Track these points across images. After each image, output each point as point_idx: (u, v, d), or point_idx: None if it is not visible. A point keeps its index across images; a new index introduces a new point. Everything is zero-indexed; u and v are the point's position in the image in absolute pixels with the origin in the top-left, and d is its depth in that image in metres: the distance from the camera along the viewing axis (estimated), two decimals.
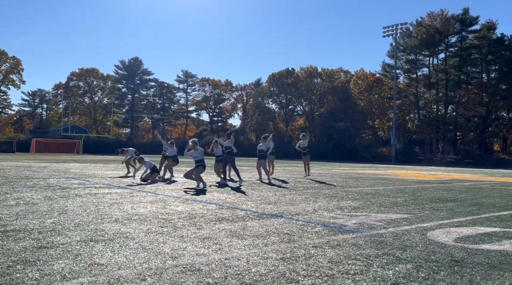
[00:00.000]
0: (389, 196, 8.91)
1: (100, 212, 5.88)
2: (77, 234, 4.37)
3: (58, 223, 4.94)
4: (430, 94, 60.60)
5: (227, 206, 6.84)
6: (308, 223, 5.32)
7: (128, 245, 3.94)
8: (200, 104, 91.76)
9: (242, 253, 3.70)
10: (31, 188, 8.84)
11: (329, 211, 6.49)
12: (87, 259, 3.43)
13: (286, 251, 3.82)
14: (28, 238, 4.12)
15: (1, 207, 6.13)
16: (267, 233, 4.62)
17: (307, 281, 2.94)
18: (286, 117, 77.18)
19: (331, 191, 9.95)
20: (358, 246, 4.07)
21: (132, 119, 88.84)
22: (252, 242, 4.16)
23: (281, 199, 7.90)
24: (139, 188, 9.51)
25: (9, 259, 3.34)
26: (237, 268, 3.22)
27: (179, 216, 5.71)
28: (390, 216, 6.02)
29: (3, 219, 5.15)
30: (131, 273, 3.06)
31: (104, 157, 42.56)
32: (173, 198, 7.82)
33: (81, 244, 3.93)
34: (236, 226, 5.01)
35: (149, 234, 4.45)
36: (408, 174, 20.13)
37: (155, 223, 5.09)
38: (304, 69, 72.85)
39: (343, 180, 13.92)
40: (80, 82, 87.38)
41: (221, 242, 4.15)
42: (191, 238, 4.30)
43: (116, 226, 4.85)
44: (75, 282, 2.84)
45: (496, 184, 13.81)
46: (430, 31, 57.67)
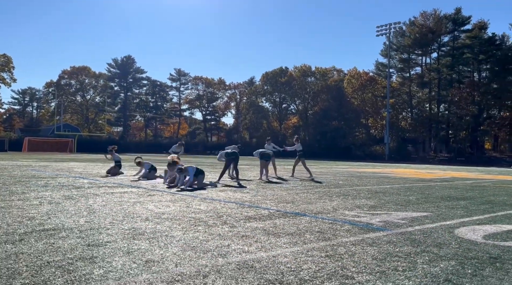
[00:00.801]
0: (399, 195, 9.08)
1: (127, 211, 5.94)
2: (117, 232, 4.44)
3: (93, 222, 5.00)
4: (423, 93, 61.29)
5: (247, 204, 6.94)
6: (335, 222, 5.44)
7: (172, 243, 4.02)
8: (193, 103, 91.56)
9: (286, 251, 3.81)
10: (45, 188, 8.85)
11: (349, 209, 6.63)
12: (140, 256, 3.52)
13: (327, 248, 3.94)
14: (72, 237, 4.19)
15: (27, 206, 6.16)
16: (299, 231, 4.74)
17: (362, 277, 3.06)
18: (279, 116, 77.40)
19: (341, 189, 10.09)
20: (394, 243, 4.21)
21: (124, 117, 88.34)
22: (290, 240, 4.27)
23: (296, 198, 8.03)
24: (151, 187, 9.55)
25: (65, 257, 3.42)
26: (288, 265, 3.33)
27: (206, 214, 5.80)
28: (411, 214, 6.17)
29: (36, 218, 5.20)
30: (190, 270, 3.16)
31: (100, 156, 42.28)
32: (190, 197, 7.89)
33: (126, 242, 4.01)
34: (266, 225, 5.12)
35: (187, 232, 4.54)
36: (407, 172, 20.41)
37: (187, 222, 5.18)
38: (298, 68, 73.14)
39: (347, 179, 14.09)
40: (72, 81, 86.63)
41: (260, 240, 4.26)
42: (229, 236, 4.39)
43: (151, 225, 4.93)
44: (141, 278, 2.93)
45: (496, 182, 14.09)
46: (423, 30, 58.28)
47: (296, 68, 73.32)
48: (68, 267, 3.17)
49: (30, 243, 3.90)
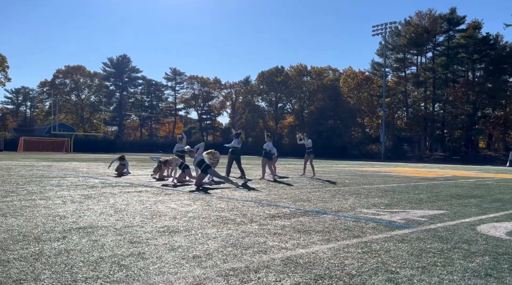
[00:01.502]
0: (409, 193, 9.25)
1: (151, 209, 6.05)
2: (151, 230, 4.55)
3: (124, 220, 5.10)
4: (418, 92, 61.75)
5: (265, 203, 7.07)
6: (358, 220, 5.59)
7: (210, 240, 4.14)
8: (189, 102, 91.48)
9: (323, 248, 3.95)
10: (61, 187, 8.91)
11: (366, 207, 6.78)
12: (185, 252, 3.64)
13: (361, 245, 4.08)
14: (111, 234, 4.30)
15: (52, 205, 6.24)
16: (327, 229, 4.87)
17: (405, 272, 3.20)
18: (275, 115, 77.53)
19: (350, 188, 10.25)
20: (423, 240, 4.36)
21: (120, 117, 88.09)
22: (322, 237, 4.40)
23: (310, 197, 8.17)
24: (164, 186, 9.64)
25: (114, 253, 3.52)
26: (331, 261, 3.47)
27: (230, 213, 5.91)
28: (428, 212, 6.34)
29: (67, 216, 5.29)
30: (239, 265, 3.28)
31: (99, 155, 42.20)
32: (207, 195, 7.99)
33: (165, 239, 4.12)
34: (292, 222, 5.25)
35: (220, 230, 4.66)
36: (407, 171, 20.65)
37: (215, 220, 5.29)
38: (293, 67, 73.33)
39: (352, 178, 14.27)
40: (67, 80, 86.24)
41: (294, 237, 4.39)
42: (261, 234, 4.52)
43: (181, 223, 5.04)
44: (196, 273, 3.05)
45: (499, 181, 14.35)
46: (418, 30, 58.70)
47: (292, 67, 73.51)
48: (122, 262, 3.29)
49: (74, 240, 4.01)
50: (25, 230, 4.51)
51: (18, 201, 6.77)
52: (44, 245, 3.83)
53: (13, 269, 3.11)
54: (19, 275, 2.99)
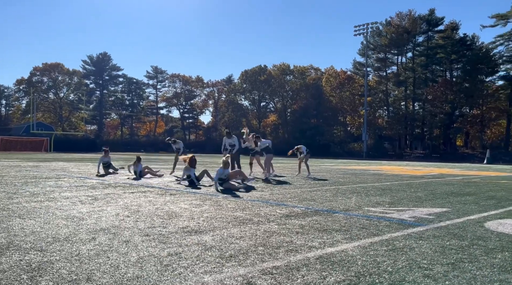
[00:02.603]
0: (405, 191, 9.54)
1: (164, 210, 6.09)
2: (177, 231, 4.62)
3: (143, 221, 5.15)
4: (399, 91, 63.04)
5: (273, 203, 7.20)
6: (370, 218, 5.79)
7: (238, 239, 4.24)
8: (170, 100, 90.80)
9: (349, 246, 4.11)
10: (61, 188, 8.82)
11: (371, 206, 7.00)
12: (221, 251, 3.73)
13: (384, 243, 4.26)
14: (138, 235, 4.34)
15: (64, 207, 6.20)
16: (345, 228, 5.04)
17: (438, 268, 3.39)
18: (258, 114, 77.79)
19: (348, 187, 10.49)
20: (440, 237, 4.57)
21: (100, 116, 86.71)
22: (344, 236, 4.57)
23: (313, 196, 8.34)
24: (165, 186, 9.65)
25: (154, 253, 3.59)
26: (363, 259, 3.63)
27: (244, 212, 6.02)
28: (432, 210, 6.60)
29: (84, 218, 5.29)
30: (280, 264, 3.40)
31: (81, 155, 41.54)
32: (212, 195, 8.06)
33: (195, 239, 4.20)
34: (308, 222, 5.40)
35: (243, 230, 4.76)
36: (394, 169, 21.13)
37: (233, 219, 5.39)
38: (276, 66, 73.72)
39: (344, 176, 14.55)
40: (44, 78, 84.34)
41: (317, 236, 4.53)
42: (285, 233, 4.65)
43: (201, 223, 5.12)
44: (242, 272, 3.15)
45: (484, 178, 14.88)
46: (399, 30, 59.92)
47: (275, 66, 73.89)
48: (164, 262, 3.36)
49: (105, 241, 4.05)
50: (50, 231, 4.51)
51: (26, 202, 6.71)
52: (79, 246, 3.86)
53: (62, 270, 3.15)
54: (71, 275, 3.04)
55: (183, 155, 13.60)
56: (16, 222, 5.05)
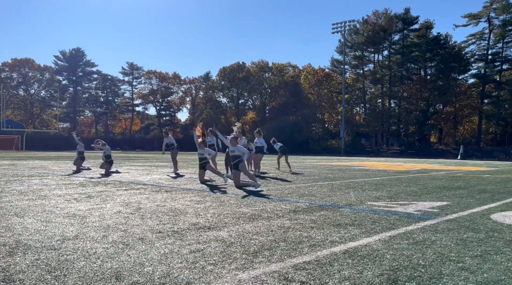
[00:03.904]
0: (398, 186, 9.64)
1: (167, 207, 5.91)
2: (189, 227, 4.47)
3: (151, 219, 4.96)
4: (375, 89, 64.04)
5: (275, 198, 7.11)
6: (377, 212, 5.78)
7: (256, 235, 4.13)
8: (147, 97, 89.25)
9: (370, 240, 4.06)
10: (49, 186, 8.46)
11: (373, 200, 7.01)
12: (244, 248, 3.62)
13: (404, 237, 4.23)
14: (150, 233, 4.17)
15: (59, 205, 5.93)
16: (358, 222, 5.00)
17: (468, 261, 3.37)
18: (237, 111, 77.50)
19: (340, 182, 10.52)
20: (456, 230, 4.59)
21: (74, 113, 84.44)
22: (360, 230, 4.52)
23: (311, 191, 8.30)
24: (154, 183, 9.43)
25: (180, 251, 3.44)
26: (392, 253, 3.58)
27: (251, 208, 5.90)
28: (434, 204, 6.66)
29: (86, 216, 5.06)
30: (309, 259, 3.32)
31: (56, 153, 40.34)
32: (209, 192, 7.90)
33: (212, 235, 4.07)
34: (319, 217, 5.34)
35: (257, 226, 4.65)
36: (377, 165, 21.41)
37: (241, 215, 5.27)
38: (255, 63, 73.61)
39: (331, 172, 14.61)
40: (13, 73, 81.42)
41: (334, 231, 4.47)
42: (300, 228, 4.56)
43: (210, 220, 4.98)
44: (274, 268, 3.05)
45: (467, 173, 15.26)
46: (376, 28, 60.79)
47: (253, 63, 73.77)
48: (191, 259, 3.22)
49: (122, 239, 3.86)
50: (56, 230, 4.28)
51: (17, 201, 6.39)
52: (93, 244, 3.66)
53: (85, 268, 2.96)
54: (97, 274, 2.85)
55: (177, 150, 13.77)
56: (15, 221, 4.78)
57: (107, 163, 12.71)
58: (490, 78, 55.40)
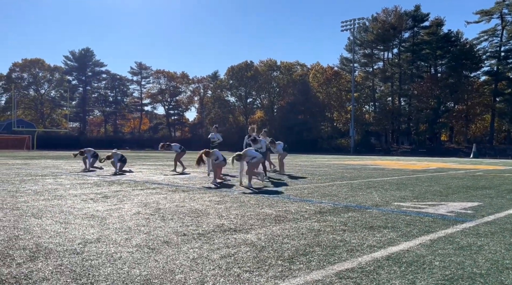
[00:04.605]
0: (420, 186, 9.33)
1: (187, 208, 5.69)
2: (215, 229, 4.25)
3: (173, 220, 4.74)
4: (385, 87, 63.42)
5: (296, 199, 6.86)
6: (408, 214, 5.50)
7: (287, 239, 3.89)
8: (155, 97, 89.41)
9: (411, 245, 3.79)
10: (63, 186, 8.29)
11: (399, 201, 6.73)
12: (277, 252, 3.38)
13: (446, 241, 3.96)
14: (175, 236, 3.94)
15: (77, 205, 5.72)
16: (391, 225, 4.73)
17: None
18: (245, 110, 77.29)
19: (359, 182, 10.23)
20: (499, 234, 4.31)
21: (83, 113, 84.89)
22: (397, 234, 4.26)
23: (332, 191, 8.03)
24: (169, 182, 9.22)
25: (218, 254, 3.21)
26: (439, 259, 3.31)
27: (272, 209, 5.66)
28: (465, 204, 6.36)
29: (106, 217, 4.85)
30: (352, 266, 3.06)
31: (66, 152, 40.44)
32: (227, 191, 7.67)
33: (241, 238, 3.84)
34: (348, 219, 5.08)
35: (283, 227, 4.41)
36: (390, 164, 21.05)
37: (266, 217, 5.02)
38: (263, 62, 73.28)
39: (347, 171, 14.31)
40: (24, 74, 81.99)
41: (368, 234, 4.21)
42: (331, 231, 4.31)
43: (234, 221, 4.74)
44: (316, 276, 2.80)
45: (488, 172, 14.86)
46: (385, 26, 60.17)
47: (261, 62, 73.44)
48: (235, 264, 2.99)
49: (152, 242, 3.63)
50: (76, 232, 4.07)
51: (33, 201, 6.21)
52: (117, 248, 3.44)
53: (113, 275, 2.74)
54: (126, 282, 2.63)
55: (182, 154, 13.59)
56: (33, 222, 4.59)
57: (121, 162, 12.54)
58: (503, 76, 54.53)
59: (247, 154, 9.00)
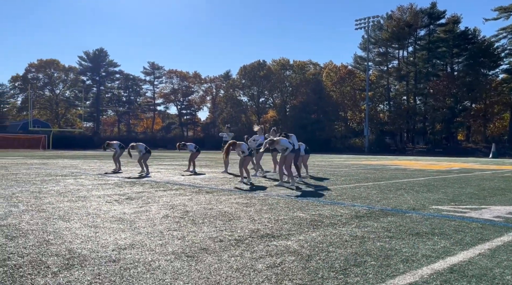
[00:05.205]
0: (451, 187, 8.96)
1: (215, 211, 5.46)
2: (252, 235, 4.00)
3: (205, 224, 4.51)
4: (400, 86, 62.54)
5: (325, 201, 6.58)
6: (452, 219, 5.18)
7: (332, 247, 3.62)
8: (168, 97, 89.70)
9: (471, 255, 3.49)
10: (85, 186, 8.14)
11: (435, 204, 6.40)
12: (325, 261, 3.11)
13: (509, 251, 3.65)
14: (209, 241, 3.70)
15: (101, 208, 5.53)
16: (439, 231, 4.43)
17: None
18: (257, 109, 77.07)
19: (386, 183, 9.90)
20: None
21: (97, 112, 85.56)
22: (449, 242, 3.96)
23: (360, 194, 7.73)
24: (189, 183, 9.01)
25: (254, 265, 2.96)
26: (509, 270, 3.02)
27: (305, 213, 5.39)
28: (510, 208, 6.01)
29: (135, 221, 4.64)
30: (415, 279, 2.79)
31: (81, 152, 40.73)
32: (251, 192, 7.43)
33: (282, 244, 3.58)
34: (389, 224, 4.79)
35: (322, 233, 4.14)
36: (412, 164, 20.59)
37: (301, 221, 4.76)
38: (276, 61, 72.96)
39: (369, 172, 13.96)
40: (40, 74, 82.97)
41: (417, 241, 3.92)
42: (377, 239, 4.03)
43: (269, 225, 4.49)
44: None
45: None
46: (400, 24, 59.30)
47: (274, 61, 73.12)
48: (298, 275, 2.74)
49: (188, 250, 3.40)
50: (108, 237, 3.85)
51: (58, 202, 6.05)
52: (154, 256, 3.22)
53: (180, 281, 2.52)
54: None
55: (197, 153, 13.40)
56: (61, 226, 4.40)
57: (148, 152, 12.40)
58: None
59: (280, 143, 8.80)
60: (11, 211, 5.31)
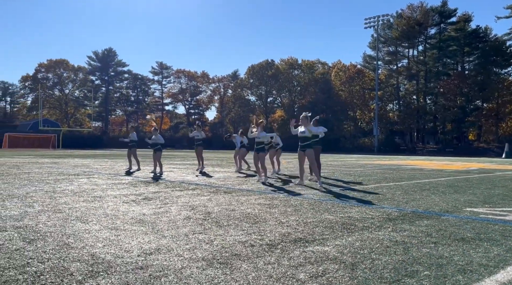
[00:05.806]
0: (479, 188, 8.61)
1: (239, 212, 5.18)
2: (284, 239, 3.71)
3: (231, 226, 4.23)
4: (410, 85, 61.84)
5: (353, 203, 6.28)
6: (492, 222, 4.86)
7: (374, 254, 3.33)
8: (176, 96, 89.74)
9: None
10: (99, 186, 7.91)
11: (468, 206, 6.07)
12: (376, 272, 2.82)
13: None
14: (240, 245, 3.43)
15: (119, 208, 5.28)
16: (482, 236, 4.12)
17: None
18: (265, 109, 76.75)
19: (408, 184, 9.56)
20: None
21: (106, 112, 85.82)
22: (503, 249, 3.64)
23: (385, 194, 7.41)
24: (204, 182, 8.74)
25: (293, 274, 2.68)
26: None
27: (334, 215, 5.10)
28: None
29: (156, 222, 4.38)
30: None
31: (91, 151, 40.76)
32: (273, 193, 7.14)
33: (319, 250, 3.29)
34: (426, 228, 4.48)
35: (358, 238, 3.85)
36: (428, 164, 20.16)
37: (331, 224, 4.47)
38: (284, 60, 72.55)
39: (386, 172, 13.61)
40: (49, 74, 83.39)
41: (467, 248, 3.61)
42: (421, 245, 3.73)
43: (299, 229, 4.21)
44: None
45: None
46: (410, 23, 58.61)
47: (282, 61, 72.72)
48: None
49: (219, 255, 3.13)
50: (131, 241, 3.59)
51: (73, 202, 5.81)
52: (183, 262, 2.95)
53: None
54: None
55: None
56: (80, 228, 4.15)
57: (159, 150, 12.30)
58: None
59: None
60: (27, 211, 5.09)
